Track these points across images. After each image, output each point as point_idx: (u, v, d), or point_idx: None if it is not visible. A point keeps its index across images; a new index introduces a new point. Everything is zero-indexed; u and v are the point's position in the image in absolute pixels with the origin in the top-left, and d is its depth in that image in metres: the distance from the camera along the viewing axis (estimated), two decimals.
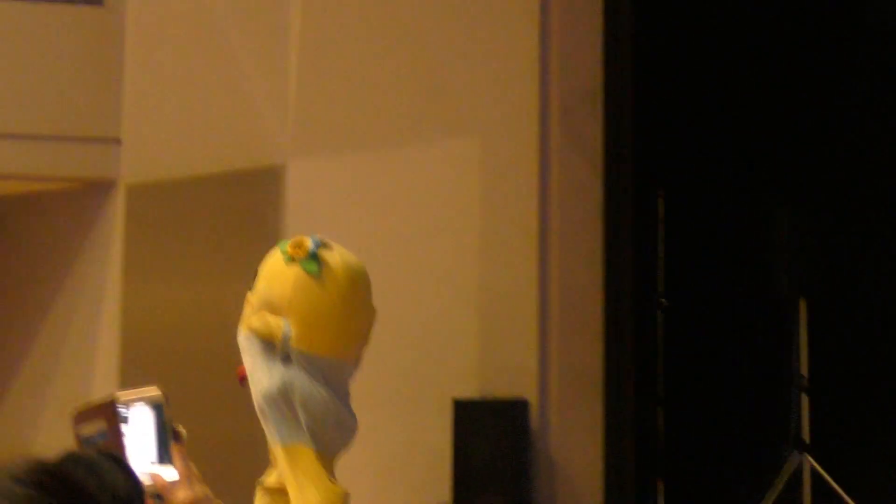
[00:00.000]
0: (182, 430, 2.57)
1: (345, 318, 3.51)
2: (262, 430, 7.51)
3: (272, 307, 3.43)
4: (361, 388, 7.70)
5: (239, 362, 3.38)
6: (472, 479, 7.67)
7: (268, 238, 8.52)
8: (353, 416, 3.61)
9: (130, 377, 8.95)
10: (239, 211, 9.03)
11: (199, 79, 9.12)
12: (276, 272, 3.42)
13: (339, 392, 3.73)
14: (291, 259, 3.35)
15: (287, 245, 3.36)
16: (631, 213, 8.08)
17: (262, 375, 3.46)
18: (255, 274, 3.29)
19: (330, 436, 3.74)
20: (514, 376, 7.87)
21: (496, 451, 7.66)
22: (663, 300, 8.08)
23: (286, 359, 3.43)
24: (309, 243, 3.39)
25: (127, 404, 2.38)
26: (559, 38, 8.19)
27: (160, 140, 9.26)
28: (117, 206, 9.37)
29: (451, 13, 8.35)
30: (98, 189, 9.44)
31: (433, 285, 8.24)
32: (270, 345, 3.44)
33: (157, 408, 2.44)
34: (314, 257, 3.41)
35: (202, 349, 8.95)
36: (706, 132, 8.38)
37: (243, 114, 8.96)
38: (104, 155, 9.34)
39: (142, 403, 2.41)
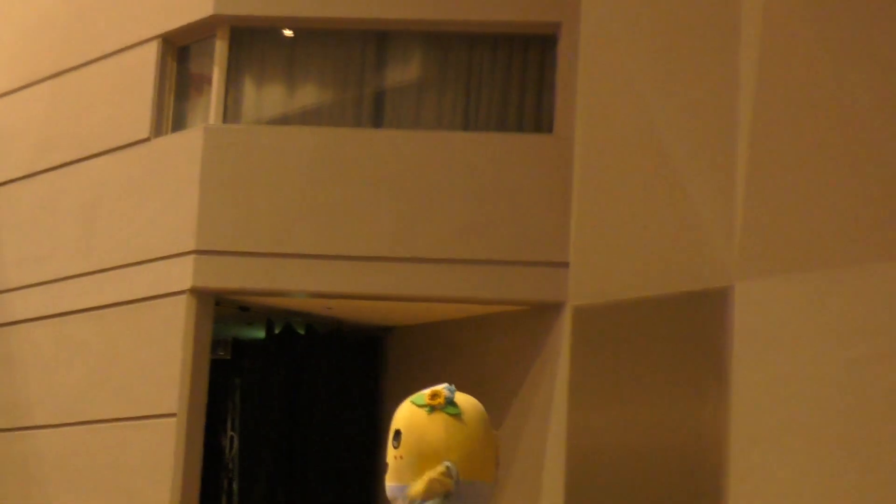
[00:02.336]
0: None
1: (489, 445, 4.07)
2: None
3: (427, 455, 3.96)
4: None
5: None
6: None
7: (715, 360, 8.69)
8: None
9: (575, 496, 9.21)
10: (685, 333, 9.00)
11: (644, 201, 9.26)
12: (423, 424, 3.94)
13: None
14: (433, 409, 3.83)
15: (424, 398, 3.82)
16: None
17: None
18: (395, 433, 3.71)
19: None
20: None
21: None
22: None
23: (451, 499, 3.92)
24: (445, 392, 3.78)
25: None
26: None
27: (606, 263, 9.41)
28: (564, 328, 9.55)
29: None
30: (546, 311, 9.70)
31: (889, 409, 7.99)
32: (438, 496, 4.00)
33: None
34: (452, 402, 3.91)
35: (647, 472, 8.98)
36: None
37: (689, 235, 9.01)
38: (553, 278, 9.59)
39: None
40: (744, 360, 8.67)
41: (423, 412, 4.00)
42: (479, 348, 10.15)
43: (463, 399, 4.18)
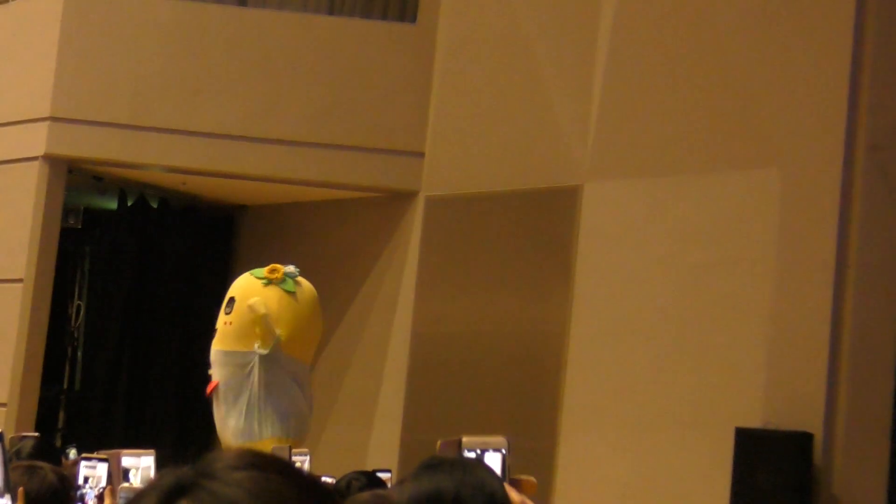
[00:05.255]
0: (530, 479, 2.58)
1: (315, 328, 4.47)
2: (542, 440, 7.89)
3: (255, 323, 4.27)
4: (646, 408, 7.86)
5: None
6: None
7: (560, 256, 8.83)
8: (311, 407, 4.61)
9: (417, 380, 9.42)
10: (534, 229, 9.15)
11: (503, 97, 9.35)
12: (257, 294, 4.28)
13: (306, 389, 4.57)
14: (269, 282, 4.21)
15: (263, 272, 4.18)
16: None
17: (245, 382, 4.35)
18: (228, 300, 4.05)
19: (298, 426, 4.56)
20: (799, 409, 7.76)
21: (777, 484, 7.60)
22: None
23: (265, 366, 4.22)
24: (284, 269, 4.23)
25: (471, 447, 2.52)
26: (870, 74, 8.04)
27: (462, 155, 9.51)
28: (416, 217, 9.67)
29: (758, 43, 8.35)
30: (400, 199, 9.78)
31: (723, 313, 8.24)
32: (247, 355, 4.29)
33: (502, 455, 2.54)
34: (290, 279, 4.25)
35: (489, 362, 9.14)
36: None
37: (544, 133, 9.11)
38: (408, 167, 9.67)
39: (488, 450, 2.53)
40: (588, 259, 8.86)
41: (259, 283, 4.23)
42: (332, 232, 10.17)
43: (302, 282, 4.39)
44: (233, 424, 4.68)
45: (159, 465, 4.02)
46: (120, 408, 10.41)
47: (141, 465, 4.04)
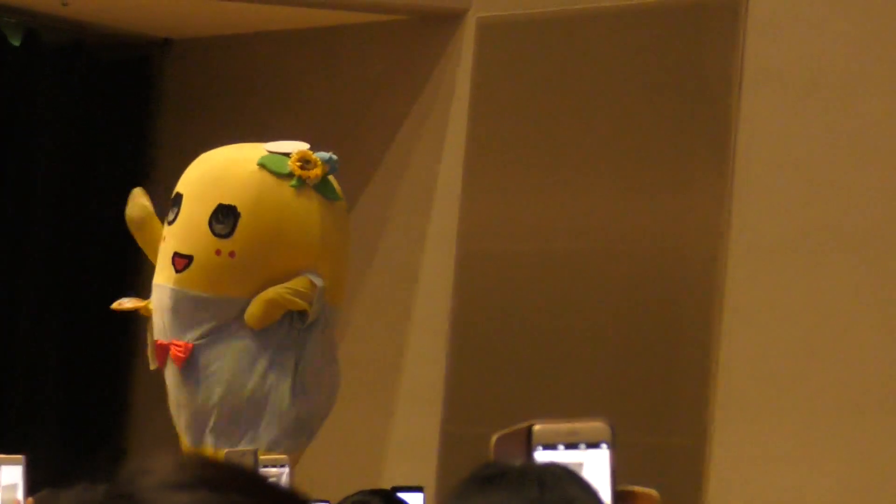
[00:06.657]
0: (649, 492, 2.30)
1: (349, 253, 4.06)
2: (681, 433, 7.50)
3: (283, 257, 4.13)
4: (851, 379, 7.27)
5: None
6: None
7: (706, 113, 7.49)
8: (333, 400, 4.57)
9: (465, 333, 8.40)
10: (657, 66, 7.66)
11: None
12: (284, 202, 3.41)
13: (334, 366, 4.64)
14: (302, 182, 3.41)
15: (286, 163, 3.10)
16: None
17: (252, 353, 3.66)
18: (218, 210, 2.97)
19: (311, 433, 4.58)
20: None
21: None
22: None
23: (298, 329, 4.07)
24: (322, 160, 3.33)
25: (549, 443, 2.00)
26: None
27: None
28: (462, 50, 8.39)
29: None
30: (437, 23, 8.52)
31: None
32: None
33: (605, 452, 2.02)
34: (330, 175, 3.60)
35: (583, 294, 7.89)
36: None
37: None
38: None
39: (579, 445, 2.01)
40: (757, 119, 7.30)
41: (285, 186, 3.20)
42: (366, 61, 8.76)
43: (335, 182, 3.20)
44: (213, 422, 4.37)
45: (37, 481, 3.54)
46: None
47: (2, 482, 3.62)
